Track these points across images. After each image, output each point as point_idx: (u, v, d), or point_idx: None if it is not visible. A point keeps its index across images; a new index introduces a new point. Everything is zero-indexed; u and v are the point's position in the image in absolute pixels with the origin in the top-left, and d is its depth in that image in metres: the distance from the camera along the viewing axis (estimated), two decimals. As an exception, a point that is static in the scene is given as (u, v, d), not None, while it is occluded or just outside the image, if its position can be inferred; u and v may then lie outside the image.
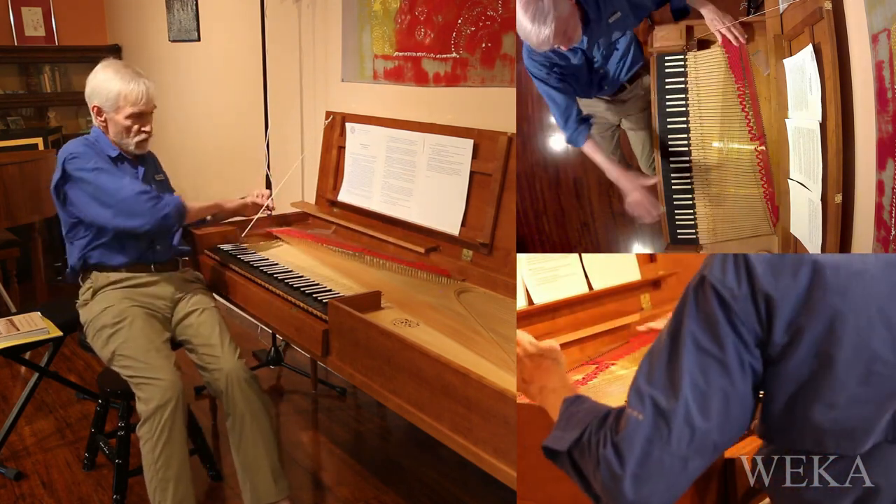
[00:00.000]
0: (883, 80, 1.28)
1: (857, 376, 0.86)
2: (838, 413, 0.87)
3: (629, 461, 0.93)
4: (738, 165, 2.04)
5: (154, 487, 2.03)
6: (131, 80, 2.24)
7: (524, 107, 2.81)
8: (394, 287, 2.14)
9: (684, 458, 0.92)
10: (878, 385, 0.86)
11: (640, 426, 0.93)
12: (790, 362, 0.88)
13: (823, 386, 0.87)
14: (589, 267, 1.93)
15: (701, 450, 0.92)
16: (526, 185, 2.89)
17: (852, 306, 0.85)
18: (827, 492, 0.92)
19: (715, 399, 0.90)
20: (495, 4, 2.30)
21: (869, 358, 0.86)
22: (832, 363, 0.86)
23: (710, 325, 0.90)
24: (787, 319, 0.87)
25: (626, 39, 2.07)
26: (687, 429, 0.91)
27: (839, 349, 0.86)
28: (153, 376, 2.05)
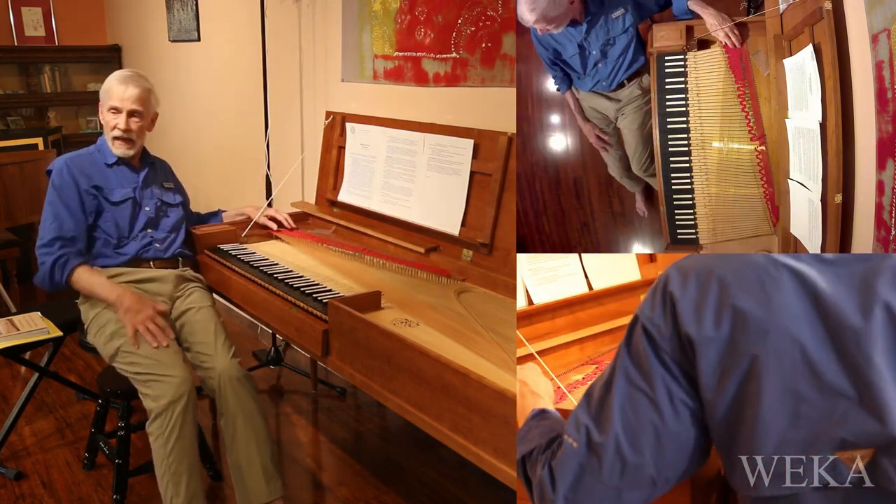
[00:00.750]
0: (883, 80, 1.28)
1: (785, 419, 0.84)
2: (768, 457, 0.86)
3: (560, 486, 0.95)
4: (738, 165, 2.04)
5: (166, 482, 2.04)
6: (124, 79, 2.33)
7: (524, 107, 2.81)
8: (394, 287, 2.14)
9: (617, 489, 0.93)
10: (807, 427, 0.84)
11: (574, 454, 0.95)
12: (719, 404, 0.88)
13: (751, 429, 0.86)
14: (589, 267, 1.93)
15: (636, 482, 0.93)
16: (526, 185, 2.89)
17: (774, 350, 0.84)
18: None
19: (645, 434, 0.91)
20: (495, 4, 2.30)
21: (795, 400, 0.84)
22: (758, 406, 0.85)
23: (639, 361, 0.92)
24: (710, 363, 0.87)
25: (626, 37, 2.09)
26: (618, 461, 0.92)
27: (763, 393, 0.84)
28: (164, 373, 2.06)
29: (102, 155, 2.38)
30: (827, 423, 0.84)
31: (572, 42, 2.13)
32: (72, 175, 2.28)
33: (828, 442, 0.85)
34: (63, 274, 2.24)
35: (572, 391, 1.57)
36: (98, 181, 2.33)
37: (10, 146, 4.39)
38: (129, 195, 2.37)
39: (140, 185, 2.40)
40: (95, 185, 2.31)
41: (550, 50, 2.24)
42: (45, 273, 2.24)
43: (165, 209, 2.46)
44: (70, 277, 2.25)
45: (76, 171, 2.29)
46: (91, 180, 2.31)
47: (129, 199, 2.37)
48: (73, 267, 2.24)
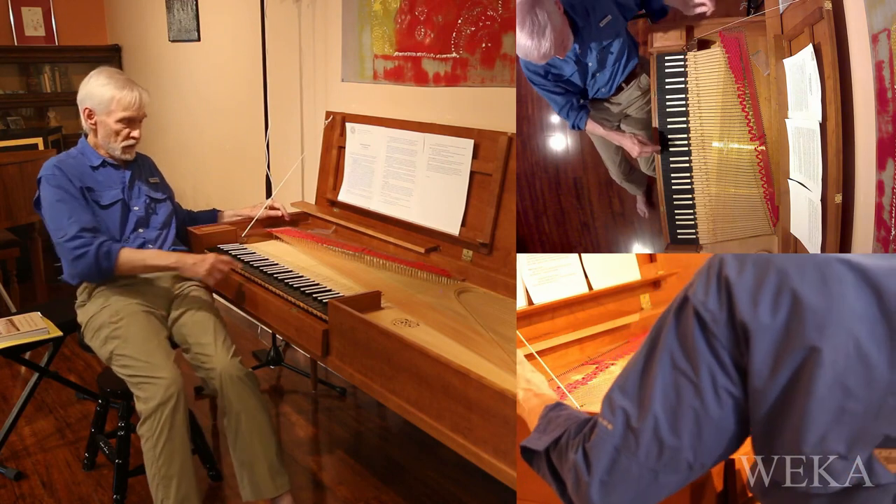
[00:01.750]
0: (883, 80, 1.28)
1: (830, 413, 0.84)
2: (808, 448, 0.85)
3: (596, 468, 0.94)
4: (738, 165, 2.04)
5: (156, 485, 2.04)
6: (125, 86, 2.30)
7: (524, 107, 2.81)
8: (394, 287, 2.14)
9: (654, 471, 0.92)
10: (851, 423, 0.84)
11: (609, 435, 0.93)
12: (768, 392, 0.86)
13: (797, 420, 0.85)
14: (589, 267, 1.93)
15: (672, 466, 0.92)
16: (526, 185, 2.89)
17: (831, 342, 0.83)
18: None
19: (685, 418, 0.90)
20: (495, 4, 2.30)
21: (843, 395, 0.83)
22: (807, 399, 0.84)
23: (687, 346, 0.90)
24: (764, 351, 0.85)
25: (619, 42, 2.08)
26: (655, 443, 0.91)
27: (813, 385, 0.83)
28: (153, 375, 2.06)
29: (87, 158, 2.34)
30: (872, 419, 0.84)
31: (569, 62, 2.11)
32: (66, 175, 2.25)
33: (870, 439, 0.84)
34: (111, 260, 2.19)
35: (572, 391, 1.57)
36: (88, 182, 2.30)
37: (10, 146, 4.39)
38: (117, 197, 2.33)
39: (127, 185, 2.37)
40: (87, 188, 2.28)
41: (550, 77, 2.17)
42: (90, 263, 2.18)
43: (154, 206, 2.43)
44: (117, 262, 2.21)
45: (68, 172, 2.26)
46: (82, 182, 2.28)
47: (118, 202, 2.33)
48: (118, 251, 2.21)
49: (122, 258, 2.21)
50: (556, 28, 1.83)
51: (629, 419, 0.92)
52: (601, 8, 2.00)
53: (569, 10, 1.95)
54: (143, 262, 2.25)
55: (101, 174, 2.34)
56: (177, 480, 2.04)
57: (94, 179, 2.31)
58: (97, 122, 2.31)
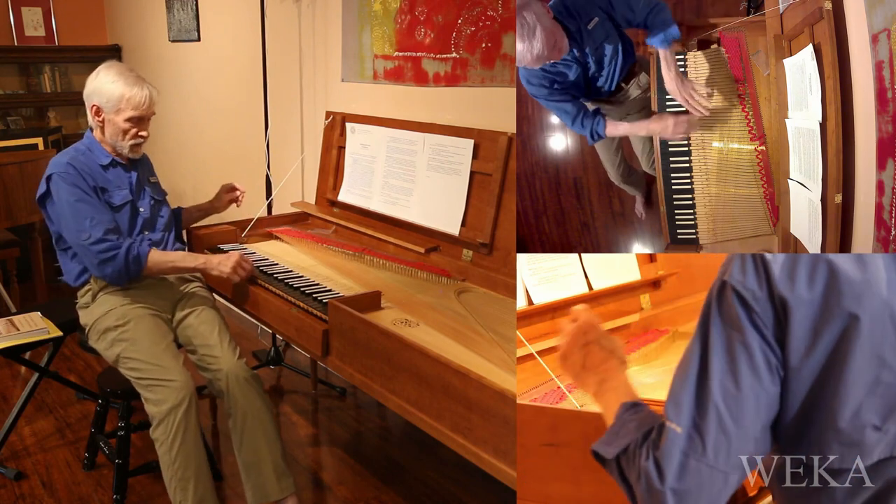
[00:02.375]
0: (883, 80, 1.28)
1: (866, 385, 0.85)
2: (844, 422, 0.86)
3: (668, 476, 0.92)
4: (738, 165, 2.04)
5: (174, 488, 2.04)
6: (135, 83, 2.23)
7: (524, 107, 2.81)
8: (394, 287, 2.14)
9: (724, 473, 0.90)
10: (885, 395, 0.85)
11: (677, 438, 0.92)
12: (804, 368, 0.87)
13: (833, 393, 0.86)
14: (589, 267, 1.93)
15: (739, 464, 0.91)
16: (526, 185, 2.89)
17: (867, 312, 0.84)
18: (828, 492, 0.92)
19: (747, 403, 0.89)
20: (495, 4, 2.30)
21: (878, 366, 0.84)
22: (844, 370, 0.85)
23: (735, 328, 0.89)
24: (801, 324, 0.86)
25: (610, 43, 2.08)
26: (722, 437, 0.90)
27: (851, 356, 0.84)
28: (165, 378, 2.05)
29: (96, 155, 2.26)
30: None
31: (570, 66, 2.09)
32: (80, 173, 2.19)
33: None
34: (140, 263, 2.17)
35: (572, 391, 1.57)
36: (101, 182, 2.24)
37: (10, 146, 4.39)
38: (127, 198, 2.29)
39: (134, 186, 2.32)
40: (101, 188, 2.23)
41: (556, 86, 2.12)
42: (120, 267, 2.15)
43: (158, 207, 2.39)
44: (147, 265, 2.19)
45: (82, 170, 2.20)
46: (95, 181, 2.22)
47: (128, 203, 2.29)
48: (147, 254, 2.19)
49: (151, 261, 2.20)
50: (546, 28, 1.82)
51: (693, 417, 0.91)
52: (587, 12, 2.01)
53: (558, 16, 1.97)
54: (172, 264, 2.25)
55: (112, 174, 2.28)
56: (193, 482, 2.04)
57: (105, 179, 2.25)
58: (105, 120, 2.24)
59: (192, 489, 2.04)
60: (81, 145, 2.29)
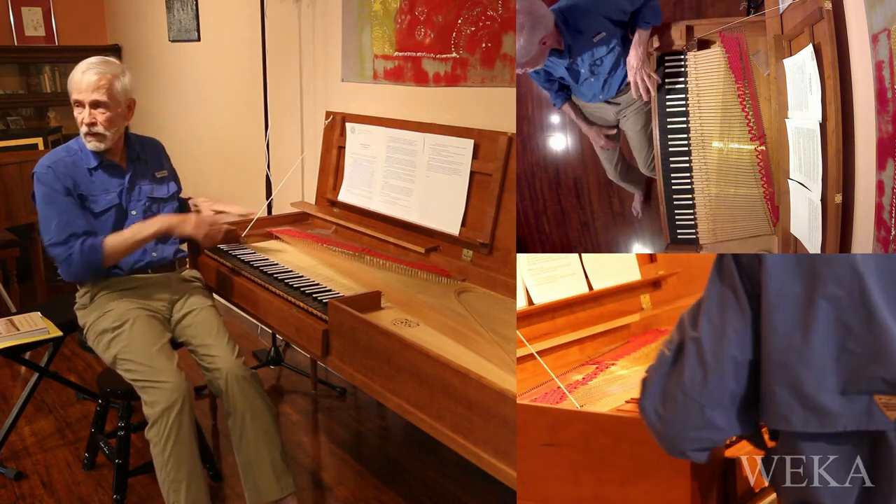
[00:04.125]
0: (883, 80, 1.28)
1: (831, 350, 0.88)
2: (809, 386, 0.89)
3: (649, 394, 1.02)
4: (738, 165, 2.04)
5: (167, 489, 2.04)
6: (86, 68, 2.15)
7: (524, 107, 2.81)
8: (394, 287, 2.14)
9: (700, 405, 0.96)
10: (849, 363, 0.88)
11: (663, 361, 1.01)
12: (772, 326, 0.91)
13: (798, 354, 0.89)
14: (589, 267, 1.93)
15: (717, 398, 0.96)
16: (526, 185, 2.89)
17: (836, 278, 0.87)
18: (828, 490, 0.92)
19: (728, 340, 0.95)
20: (495, 4, 2.30)
21: (844, 333, 0.87)
22: (809, 331, 0.88)
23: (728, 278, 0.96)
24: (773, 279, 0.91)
25: (612, 56, 2.10)
26: (699, 367, 0.96)
27: (816, 318, 0.88)
28: (157, 379, 2.05)
29: (85, 156, 2.23)
30: (869, 361, 0.87)
31: (560, 66, 2.17)
32: (57, 176, 2.16)
33: (866, 381, 0.88)
34: (97, 253, 2.13)
35: (572, 391, 1.57)
36: (82, 188, 2.19)
37: (10, 146, 4.38)
38: (113, 202, 2.25)
39: (126, 187, 2.28)
40: (80, 193, 2.19)
41: (541, 72, 2.25)
42: (79, 264, 2.13)
43: (155, 208, 2.34)
44: (104, 253, 2.14)
45: (61, 174, 2.17)
46: (76, 187, 2.19)
47: (112, 207, 2.25)
48: (101, 243, 2.14)
49: (108, 247, 2.15)
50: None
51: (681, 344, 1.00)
52: (594, 26, 2.04)
53: (561, 26, 2.00)
54: (130, 240, 2.17)
55: (98, 176, 2.24)
56: (186, 484, 2.03)
57: (89, 183, 2.22)
58: None
59: (185, 491, 2.03)
60: (74, 143, 2.26)
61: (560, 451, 1.36)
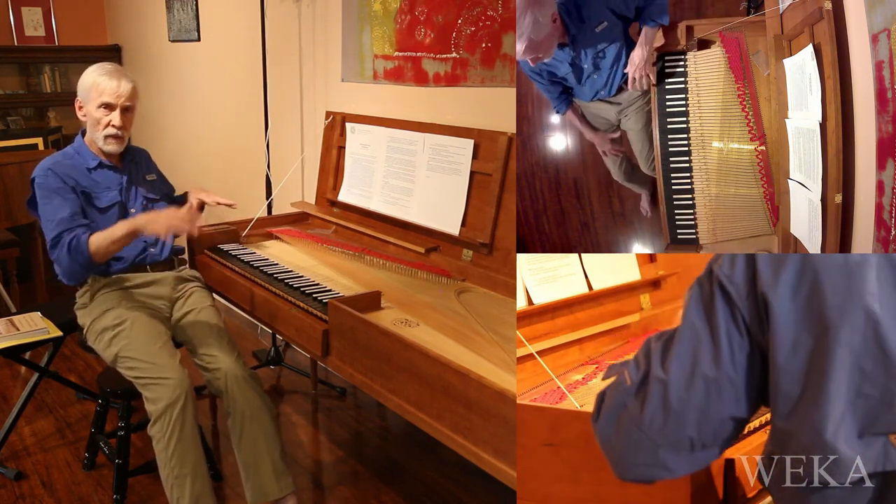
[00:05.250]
0: (883, 80, 1.28)
1: (848, 396, 0.84)
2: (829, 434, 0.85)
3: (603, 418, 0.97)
4: (738, 165, 2.04)
5: (171, 485, 2.04)
6: (109, 74, 2.23)
7: (524, 107, 2.81)
8: (394, 287, 2.14)
9: (655, 444, 0.92)
10: (866, 407, 0.84)
11: (623, 391, 0.96)
12: (791, 369, 0.87)
13: (815, 404, 0.85)
14: (589, 267, 1.93)
15: (674, 441, 0.92)
16: (526, 185, 2.89)
17: (848, 323, 0.83)
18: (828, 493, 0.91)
19: (696, 388, 0.90)
20: (495, 4, 2.30)
21: (860, 378, 0.84)
22: (825, 381, 0.84)
23: (709, 317, 0.91)
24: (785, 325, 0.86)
25: (614, 47, 2.10)
26: (661, 410, 0.92)
27: (832, 367, 0.84)
28: (160, 376, 2.05)
29: (83, 158, 2.27)
30: (886, 405, 0.84)
31: (563, 62, 2.16)
32: (58, 177, 2.19)
33: (884, 424, 0.85)
34: (82, 251, 2.11)
35: (572, 391, 1.57)
36: (84, 186, 2.23)
37: (10, 146, 4.38)
38: (115, 199, 2.28)
39: (125, 186, 2.32)
40: (83, 190, 2.22)
41: (545, 74, 2.25)
42: (68, 262, 2.13)
43: (151, 207, 2.36)
44: (90, 250, 2.12)
45: (62, 174, 2.20)
46: (78, 183, 2.22)
47: (115, 204, 2.28)
48: (87, 241, 2.12)
49: (92, 246, 2.13)
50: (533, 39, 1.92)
51: (645, 380, 0.94)
52: (597, 15, 2.03)
53: (564, 16, 1.99)
54: (110, 238, 2.14)
55: (99, 175, 2.28)
56: (190, 479, 2.04)
57: (90, 181, 2.25)
58: (86, 114, 2.25)
59: (189, 486, 2.03)
60: (70, 149, 2.31)
61: (560, 451, 1.36)
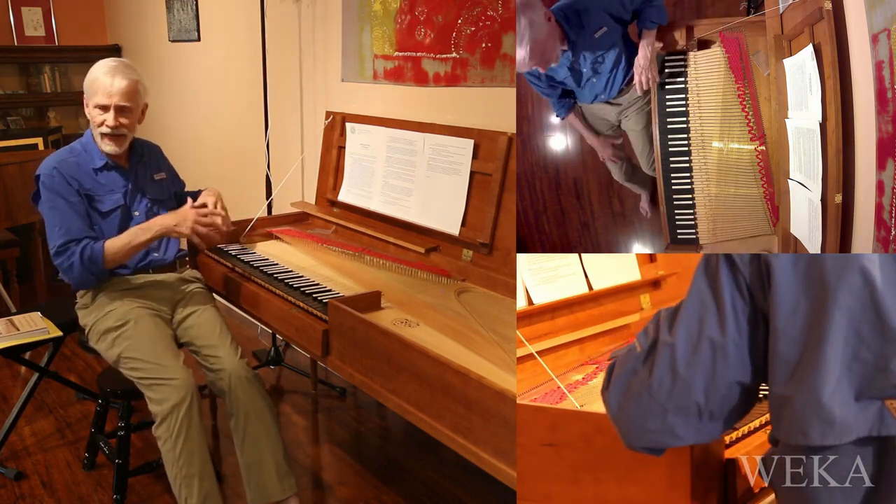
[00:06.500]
0: (883, 80, 1.28)
1: (844, 360, 0.86)
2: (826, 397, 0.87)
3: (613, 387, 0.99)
4: (738, 165, 2.04)
5: (179, 485, 2.04)
6: (110, 72, 2.18)
7: (524, 107, 2.81)
8: (394, 287, 2.15)
9: (664, 409, 0.94)
10: (862, 371, 0.86)
11: (632, 357, 0.98)
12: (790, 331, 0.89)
13: (813, 367, 0.87)
14: (589, 267, 1.93)
15: (681, 406, 0.94)
16: (526, 185, 2.89)
17: (846, 286, 0.85)
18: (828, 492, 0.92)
19: (703, 352, 0.92)
20: (495, 4, 2.30)
21: (856, 342, 0.86)
22: (823, 343, 0.86)
23: (714, 282, 0.93)
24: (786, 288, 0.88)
25: (614, 52, 2.09)
26: (669, 374, 0.94)
27: (830, 329, 0.86)
28: (165, 376, 2.05)
29: (90, 157, 2.25)
30: (881, 368, 0.86)
31: (562, 67, 2.14)
32: (64, 178, 2.18)
33: (879, 388, 0.86)
34: (96, 262, 2.12)
35: (572, 391, 1.57)
36: (88, 188, 2.22)
37: (10, 146, 4.38)
38: (118, 203, 2.26)
39: (130, 189, 2.29)
40: (86, 193, 2.21)
41: (543, 79, 2.23)
42: (80, 271, 2.13)
43: (157, 210, 2.35)
44: (103, 259, 2.14)
45: (67, 175, 2.18)
46: (82, 185, 2.20)
47: (118, 208, 2.26)
48: (101, 249, 2.13)
49: (108, 253, 2.15)
50: (536, 39, 1.88)
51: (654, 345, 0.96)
52: (595, 21, 2.03)
53: (562, 22, 1.99)
54: (128, 245, 2.16)
55: (104, 177, 2.25)
56: (198, 479, 2.04)
57: (95, 183, 2.23)
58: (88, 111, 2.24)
59: (197, 486, 2.04)
60: (78, 144, 2.28)
61: (560, 451, 1.36)
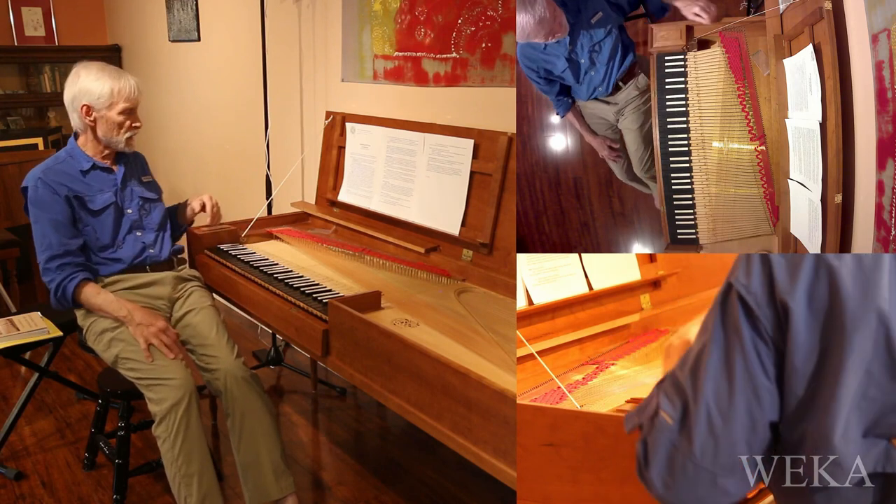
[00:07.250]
0: (883, 80, 1.28)
1: (854, 400, 0.85)
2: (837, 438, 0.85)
3: (654, 466, 0.94)
4: (738, 165, 2.04)
5: (178, 484, 2.05)
6: (119, 76, 2.25)
7: (524, 107, 2.81)
8: (394, 287, 2.15)
9: (712, 474, 0.91)
10: (869, 409, 0.85)
11: (667, 430, 0.93)
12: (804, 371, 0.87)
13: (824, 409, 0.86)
14: (589, 267, 1.93)
15: (729, 466, 0.91)
16: (526, 185, 2.89)
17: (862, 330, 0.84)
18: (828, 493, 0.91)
19: (737, 406, 0.89)
20: (495, 4, 2.30)
21: (867, 381, 0.84)
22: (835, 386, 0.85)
23: (735, 332, 0.90)
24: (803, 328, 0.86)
25: (610, 39, 2.10)
26: (710, 438, 0.90)
27: (843, 373, 0.84)
28: (164, 376, 2.05)
29: (76, 161, 2.27)
30: (890, 408, 0.84)
31: (560, 57, 2.15)
32: (49, 187, 2.19)
33: (887, 427, 0.85)
34: (67, 297, 2.19)
35: (572, 391, 1.57)
36: (77, 190, 2.23)
37: (10, 146, 4.38)
38: (109, 200, 2.28)
39: (119, 186, 2.31)
40: (75, 195, 2.22)
41: (542, 70, 2.23)
42: (53, 297, 2.21)
43: (148, 207, 2.37)
44: (77, 297, 2.20)
45: (52, 182, 2.20)
46: (70, 188, 2.21)
47: (110, 205, 2.27)
48: (77, 286, 2.18)
49: (80, 297, 2.20)
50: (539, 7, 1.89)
51: (686, 413, 0.92)
52: (592, 5, 2.03)
53: (560, 6, 1.99)
54: (99, 307, 2.20)
55: (92, 178, 2.27)
56: (198, 478, 2.04)
57: (83, 185, 2.25)
58: (97, 118, 2.24)
59: (197, 485, 2.04)
60: (63, 152, 2.31)
61: (560, 451, 1.36)
